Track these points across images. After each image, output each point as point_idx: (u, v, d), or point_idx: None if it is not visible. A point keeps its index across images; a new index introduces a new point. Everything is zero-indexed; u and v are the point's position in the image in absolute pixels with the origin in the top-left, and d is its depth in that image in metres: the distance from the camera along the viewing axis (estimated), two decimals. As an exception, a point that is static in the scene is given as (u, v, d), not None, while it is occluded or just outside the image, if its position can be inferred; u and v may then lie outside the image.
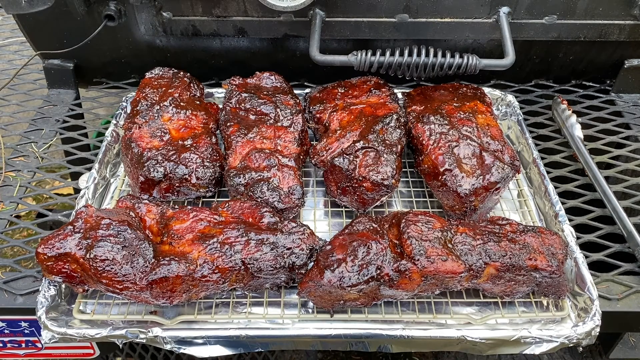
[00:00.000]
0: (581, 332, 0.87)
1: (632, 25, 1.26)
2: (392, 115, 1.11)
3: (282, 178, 1.01)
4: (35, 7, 1.24)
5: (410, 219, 0.90)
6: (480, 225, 0.93)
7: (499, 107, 1.32)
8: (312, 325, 0.89)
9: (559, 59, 1.39)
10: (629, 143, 1.28)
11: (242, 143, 1.08)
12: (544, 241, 0.91)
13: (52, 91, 1.44)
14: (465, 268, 0.86)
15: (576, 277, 0.94)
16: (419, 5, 1.21)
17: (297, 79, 1.44)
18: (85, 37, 1.28)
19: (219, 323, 0.90)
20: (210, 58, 1.39)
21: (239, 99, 1.17)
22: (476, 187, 1.01)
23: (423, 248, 0.86)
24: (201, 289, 0.86)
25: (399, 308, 0.93)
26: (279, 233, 0.89)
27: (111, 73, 1.46)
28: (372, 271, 0.84)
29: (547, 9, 1.23)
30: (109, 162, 1.17)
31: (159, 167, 1.02)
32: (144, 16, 1.26)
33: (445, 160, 1.04)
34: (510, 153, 1.07)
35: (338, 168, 1.03)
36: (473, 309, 0.95)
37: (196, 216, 0.91)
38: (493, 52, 1.34)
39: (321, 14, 1.21)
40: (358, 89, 1.23)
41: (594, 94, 1.42)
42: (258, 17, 1.24)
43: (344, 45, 1.35)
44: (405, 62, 1.14)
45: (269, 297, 0.94)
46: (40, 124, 1.33)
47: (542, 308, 0.95)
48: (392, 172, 1.02)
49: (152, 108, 1.14)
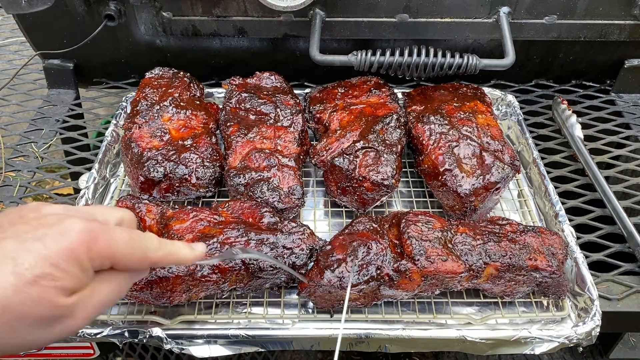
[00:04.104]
0: (581, 332, 0.87)
1: (632, 25, 1.26)
2: (392, 115, 1.11)
3: (282, 178, 1.01)
4: (35, 7, 1.24)
5: (410, 219, 0.90)
6: (480, 225, 0.93)
7: (499, 107, 1.32)
8: (312, 325, 0.89)
9: (559, 59, 1.39)
10: (629, 143, 1.28)
11: (242, 143, 1.08)
12: (544, 241, 0.91)
13: (52, 91, 1.44)
14: (465, 268, 0.86)
15: (576, 277, 0.94)
16: (419, 5, 1.21)
17: (297, 79, 1.44)
18: (85, 37, 1.28)
19: (219, 323, 0.90)
20: (210, 58, 1.39)
21: (239, 99, 1.17)
22: (476, 187, 1.01)
23: (423, 248, 0.86)
24: (201, 289, 0.86)
25: (399, 308, 0.93)
26: (279, 233, 0.88)
27: (111, 73, 1.46)
28: (372, 271, 0.84)
29: (547, 9, 1.23)
30: (109, 162, 1.17)
31: (159, 167, 1.02)
32: (144, 16, 1.26)
33: (445, 160, 1.04)
34: (511, 153, 1.07)
35: (338, 168, 1.03)
36: (473, 309, 0.95)
37: (196, 216, 0.91)
38: (493, 52, 1.34)
39: (321, 14, 1.21)
40: (358, 89, 1.23)
41: (594, 94, 1.42)
42: (258, 17, 1.24)
43: (344, 45, 1.35)
44: (405, 62, 1.14)
45: (269, 297, 0.94)
46: (40, 124, 1.33)
47: (542, 308, 0.95)
48: (392, 172, 1.02)
49: (152, 108, 1.14)
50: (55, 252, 0.49)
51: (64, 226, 0.51)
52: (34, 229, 0.50)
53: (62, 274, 0.49)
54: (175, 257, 0.61)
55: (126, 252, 0.55)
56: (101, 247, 0.52)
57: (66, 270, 0.50)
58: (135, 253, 0.56)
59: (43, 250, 0.49)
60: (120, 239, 0.54)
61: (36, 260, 0.48)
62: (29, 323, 0.49)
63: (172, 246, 0.61)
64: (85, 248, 0.51)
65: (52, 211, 0.53)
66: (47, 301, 0.49)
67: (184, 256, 0.62)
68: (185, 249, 0.62)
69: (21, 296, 0.47)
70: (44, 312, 0.49)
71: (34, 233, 0.50)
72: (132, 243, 0.55)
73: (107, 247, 0.53)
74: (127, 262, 0.55)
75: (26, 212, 0.53)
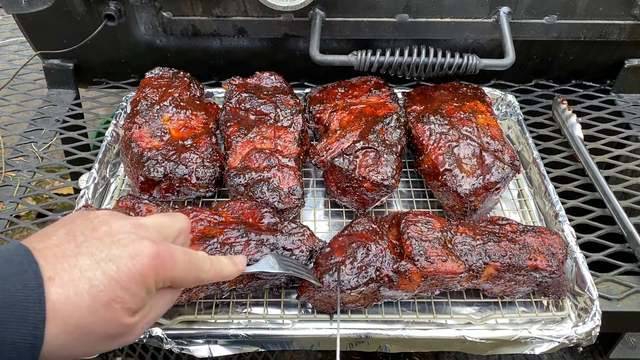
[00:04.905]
0: (581, 332, 0.87)
1: (632, 25, 1.26)
2: (392, 115, 1.11)
3: (282, 178, 1.01)
4: (35, 7, 1.24)
5: (410, 219, 0.90)
6: (480, 225, 0.93)
7: (499, 107, 1.32)
8: (312, 325, 0.89)
9: (559, 59, 1.39)
10: (629, 143, 1.28)
11: (242, 143, 1.08)
12: (544, 241, 0.91)
13: (52, 91, 1.44)
14: (465, 268, 0.86)
15: (576, 277, 0.94)
16: (419, 5, 1.21)
17: (297, 79, 1.44)
18: (85, 37, 1.28)
19: (219, 323, 0.90)
20: (210, 58, 1.39)
21: (239, 99, 1.17)
22: (476, 187, 1.01)
23: (423, 248, 0.86)
24: (201, 289, 0.86)
25: (399, 308, 0.93)
26: (279, 234, 0.88)
27: (111, 73, 1.46)
28: (372, 273, 0.84)
29: (547, 9, 1.23)
30: (109, 162, 1.17)
31: (159, 167, 1.02)
32: (144, 16, 1.26)
33: (445, 160, 1.04)
34: (511, 153, 1.07)
35: (338, 168, 1.03)
36: (473, 309, 0.95)
37: (196, 216, 0.91)
38: (493, 52, 1.34)
39: (321, 13, 1.21)
40: (358, 89, 1.23)
41: (594, 94, 1.42)
42: (258, 17, 1.24)
43: (344, 45, 1.35)
44: (405, 62, 1.14)
45: (269, 298, 0.94)
46: (40, 124, 1.33)
47: (542, 308, 0.95)
48: (392, 172, 1.02)
49: (152, 108, 1.14)
50: (126, 276, 0.52)
51: (136, 250, 0.54)
52: (107, 248, 0.53)
53: (131, 298, 0.53)
54: (221, 275, 0.66)
55: (184, 275, 0.59)
56: (166, 272, 0.56)
57: (135, 294, 0.53)
58: (191, 275, 0.60)
59: (115, 273, 0.52)
60: (181, 262, 0.58)
61: (109, 282, 0.51)
62: (96, 339, 0.53)
63: (219, 264, 0.66)
64: (153, 273, 0.55)
65: (124, 229, 0.56)
66: (114, 321, 0.53)
67: (228, 273, 0.68)
68: (230, 266, 0.68)
69: (95, 316, 0.51)
70: (110, 330, 0.53)
71: (108, 253, 0.53)
72: (190, 266, 0.60)
73: (171, 271, 0.57)
74: (183, 283, 0.60)
75: (98, 223, 0.56)
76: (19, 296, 0.47)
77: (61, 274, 0.50)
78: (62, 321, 0.49)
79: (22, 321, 0.47)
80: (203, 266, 0.62)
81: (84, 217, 0.57)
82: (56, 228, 0.55)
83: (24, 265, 0.49)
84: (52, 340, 0.49)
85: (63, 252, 0.52)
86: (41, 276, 0.49)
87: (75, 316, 0.50)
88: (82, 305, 0.50)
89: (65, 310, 0.49)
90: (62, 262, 0.51)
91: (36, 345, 0.48)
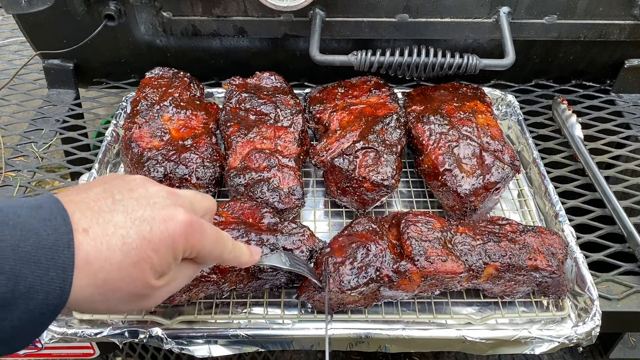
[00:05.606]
0: (581, 332, 0.87)
1: (632, 25, 1.26)
2: (392, 115, 1.11)
3: (282, 178, 1.01)
4: (35, 7, 1.24)
5: (410, 219, 0.90)
6: (480, 225, 0.93)
7: (499, 107, 1.32)
8: (312, 325, 0.89)
9: (559, 59, 1.39)
10: (629, 143, 1.28)
11: (242, 143, 1.08)
12: (544, 241, 0.91)
13: (52, 91, 1.44)
14: (465, 268, 0.86)
15: (576, 277, 0.94)
16: (419, 5, 1.21)
17: (297, 79, 1.44)
18: (85, 37, 1.28)
19: (219, 323, 0.90)
20: (210, 58, 1.39)
21: (239, 99, 1.17)
22: (476, 187, 1.01)
23: (423, 248, 0.86)
24: (201, 289, 0.86)
25: (399, 308, 0.93)
26: (279, 234, 0.88)
27: (111, 73, 1.46)
28: (372, 273, 0.84)
29: (547, 9, 1.23)
30: (109, 162, 1.17)
31: (159, 167, 1.02)
32: (144, 16, 1.26)
33: (445, 160, 1.04)
34: (511, 153, 1.07)
35: (338, 168, 1.03)
36: (473, 309, 0.95)
37: (196, 216, 0.91)
38: (493, 52, 1.34)
39: (321, 13, 1.21)
40: (358, 89, 1.23)
41: (594, 94, 1.42)
42: (258, 17, 1.24)
43: (344, 45, 1.35)
44: (405, 62, 1.14)
45: (269, 298, 0.94)
46: (40, 124, 1.33)
47: (542, 308, 0.95)
48: (392, 173, 1.02)
49: (152, 108, 1.14)
50: (158, 238, 0.53)
51: (170, 214, 0.55)
52: (142, 209, 0.54)
53: (159, 260, 0.54)
54: (239, 260, 0.67)
55: (210, 249, 0.59)
56: (195, 241, 0.57)
57: (163, 257, 0.54)
58: (216, 251, 0.61)
59: (148, 234, 0.52)
60: (210, 235, 0.59)
61: (142, 242, 0.52)
62: (120, 296, 0.53)
63: (240, 249, 0.67)
64: (183, 240, 0.55)
65: (160, 194, 0.57)
66: (141, 281, 0.53)
67: (245, 260, 0.68)
68: (247, 254, 0.68)
69: (123, 273, 0.51)
70: (135, 290, 0.53)
71: (142, 213, 0.53)
72: (216, 242, 0.60)
73: (199, 242, 0.57)
74: (207, 257, 0.61)
75: (135, 185, 0.56)
76: (50, 240, 0.48)
77: (95, 227, 0.50)
78: (92, 273, 0.50)
79: (52, 264, 0.47)
80: (227, 246, 0.63)
81: (121, 178, 0.58)
82: (94, 185, 0.56)
83: (53, 212, 0.50)
84: (79, 290, 0.49)
85: (99, 207, 0.52)
86: (70, 223, 0.49)
87: (105, 270, 0.50)
88: (112, 261, 0.50)
89: (96, 264, 0.50)
90: (98, 217, 0.51)
91: (65, 289, 0.48)
